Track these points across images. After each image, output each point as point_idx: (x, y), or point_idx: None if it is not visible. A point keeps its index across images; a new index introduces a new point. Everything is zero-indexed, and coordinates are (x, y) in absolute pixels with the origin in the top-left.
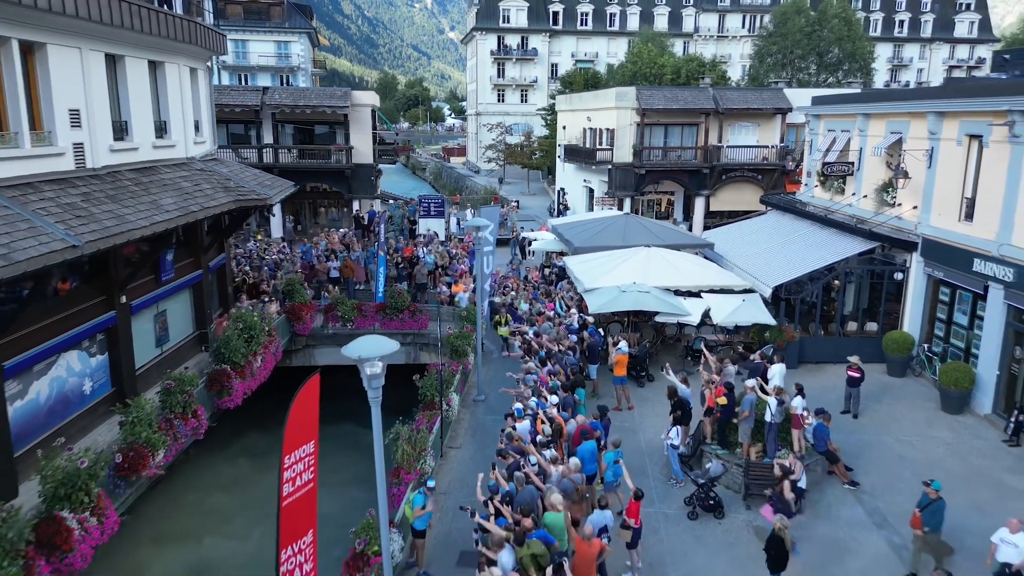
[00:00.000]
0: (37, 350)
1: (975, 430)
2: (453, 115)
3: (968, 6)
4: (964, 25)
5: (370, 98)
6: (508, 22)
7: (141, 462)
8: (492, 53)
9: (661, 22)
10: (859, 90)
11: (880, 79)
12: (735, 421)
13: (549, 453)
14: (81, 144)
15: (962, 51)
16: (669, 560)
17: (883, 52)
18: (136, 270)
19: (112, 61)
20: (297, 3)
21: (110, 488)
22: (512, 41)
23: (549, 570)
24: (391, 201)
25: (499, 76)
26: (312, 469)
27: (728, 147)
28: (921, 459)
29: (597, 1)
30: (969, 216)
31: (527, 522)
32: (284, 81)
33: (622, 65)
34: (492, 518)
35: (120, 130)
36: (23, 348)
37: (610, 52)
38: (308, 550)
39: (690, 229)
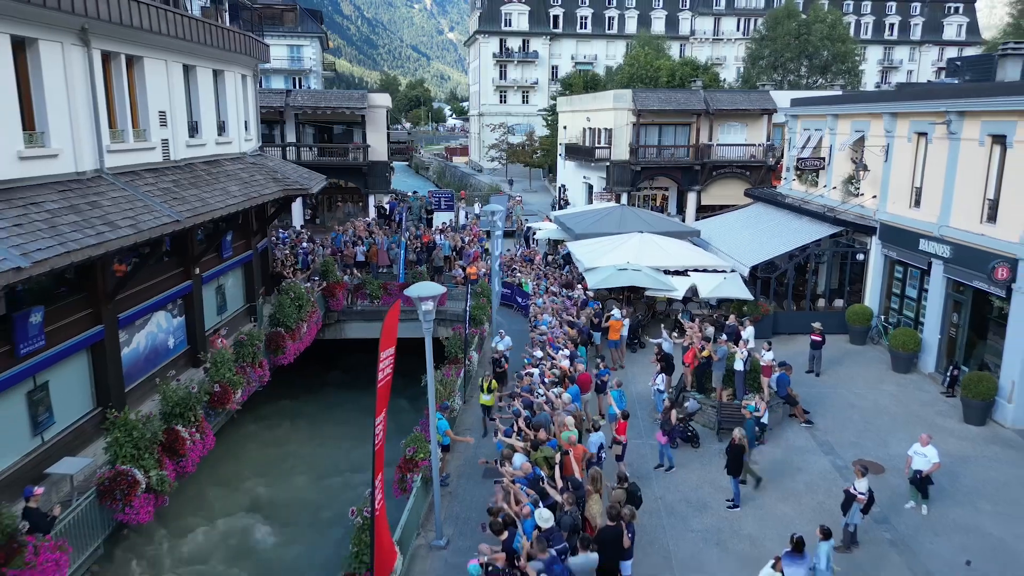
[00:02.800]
0: (139, 308)
1: (918, 384)
2: (454, 115)
3: (957, 9)
4: (952, 28)
5: (384, 100)
6: (510, 26)
7: (227, 397)
8: (494, 56)
9: (658, 25)
10: (839, 92)
11: (871, 81)
12: (709, 355)
13: (556, 390)
14: (167, 140)
15: (951, 53)
16: (654, 476)
17: (873, 55)
18: (206, 248)
19: (187, 71)
20: (308, 8)
21: (206, 414)
22: (514, 44)
23: (557, 468)
24: (411, 193)
25: (501, 78)
26: (391, 367)
27: (718, 145)
28: (869, 407)
29: (596, 5)
30: (917, 203)
31: (542, 434)
32: (296, 83)
33: (620, 68)
34: (514, 435)
35: (193, 129)
36: (130, 305)
37: (609, 55)
38: (381, 425)
39: (683, 222)
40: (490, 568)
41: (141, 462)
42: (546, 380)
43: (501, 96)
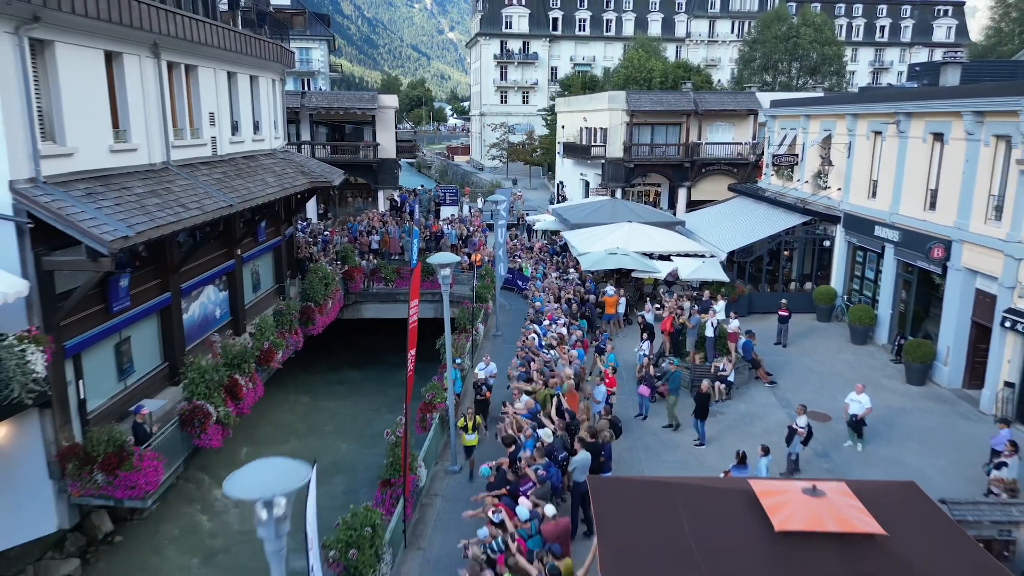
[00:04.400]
0: (195, 280)
1: (872, 354)
2: (455, 115)
3: (946, 12)
4: (942, 30)
5: (392, 101)
6: (510, 28)
7: (271, 355)
8: (495, 57)
9: (655, 28)
10: (821, 93)
11: (863, 81)
12: (683, 336)
13: (553, 352)
14: (215, 138)
15: (940, 55)
16: (635, 423)
17: (865, 56)
18: (245, 233)
19: (230, 77)
20: (315, 13)
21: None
22: (514, 46)
23: (554, 403)
24: (420, 187)
25: (502, 79)
26: (416, 313)
27: (707, 144)
28: (826, 371)
29: (595, 8)
30: (874, 194)
31: (539, 380)
32: (305, 84)
33: (616, 70)
34: (517, 391)
35: (234, 128)
36: (189, 278)
37: (607, 56)
38: (411, 358)
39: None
40: (499, 469)
41: (211, 399)
42: (543, 344)
43: (502, 96)
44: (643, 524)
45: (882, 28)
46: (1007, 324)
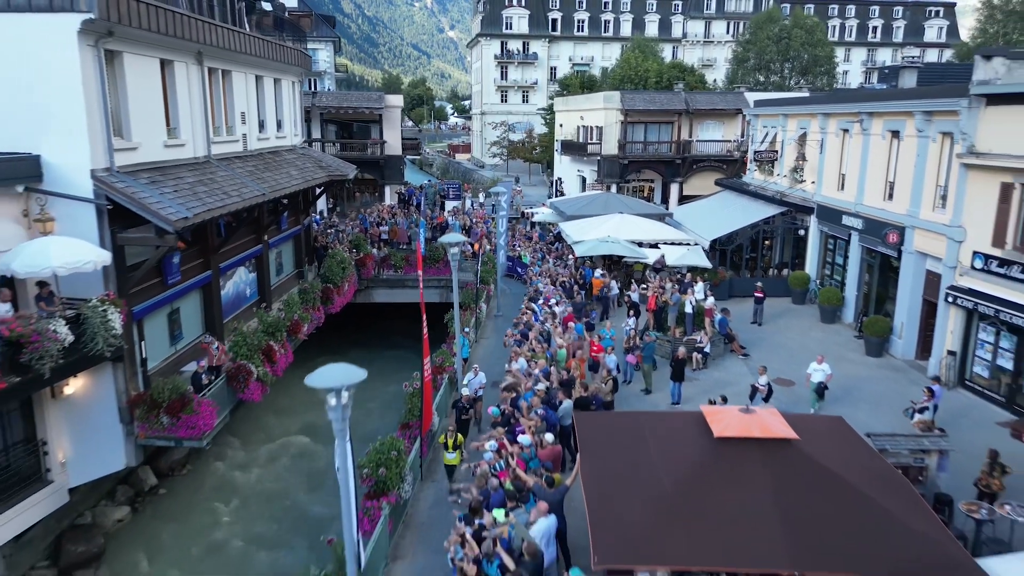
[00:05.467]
0: (231, 260)
1: (838, 331)
2: (455, 114)
3: (937, 12)
4: (933, 30)
5: (398, 100)
6: (511, 29)
7: (299, 327)
8: (496, 57)
9: (652, 28)
10: (806, 93)
11: (856, 81)
12: (665, 313)
13: (548, 325)
14: (245, 135)
15: (932, 55)
16: (622, 388)
17: (857, 56)
18: (271, 221)
19: (257, 80)
20: (321, 14)
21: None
22: (514, 46)
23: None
24: (425, 182)
25: (502, 78)
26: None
27: (698, 141)
28: (795, 346)
29: (593, 9)
30: (842, 186)
31: (539, 348)
32: (312, 84)
33: (612, 70)
34: (514, 354)
35: (261, 126)
36: (226, 259)
37: (605, 56)
38: (425, 322)
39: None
40: (503, 410)
41: (252, 360)
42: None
43: (502, 96)
44: (615, 443)
45: (874, 28)
46: (950, 299)
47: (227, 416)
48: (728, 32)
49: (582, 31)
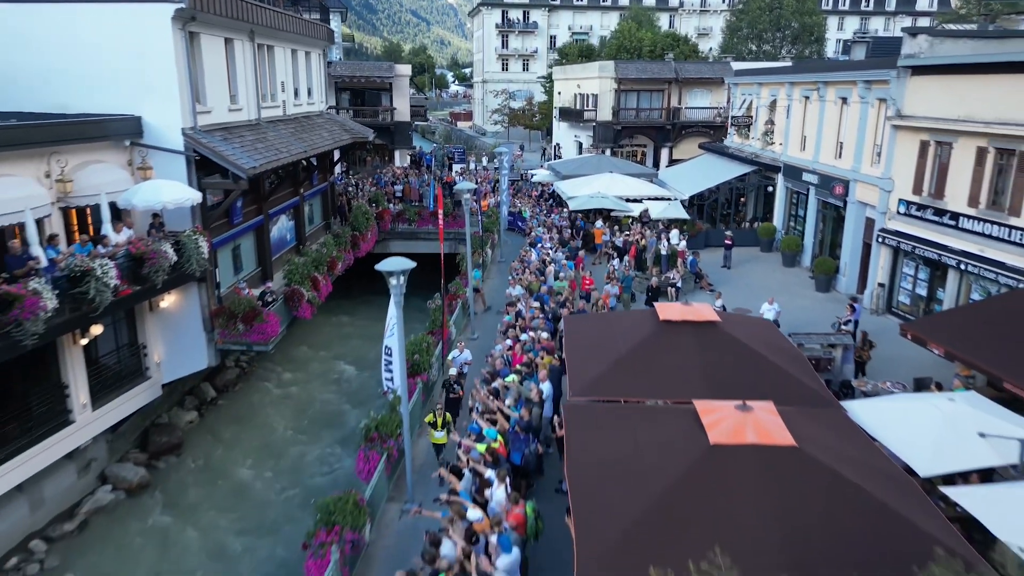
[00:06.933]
0: (278, 208)
1: (796, 273)
2: (456, 82)
3: None
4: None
5: (406, 69)
6: None
7: (335, 264)
8: (497, 26)
9: None
10: (789, 63)
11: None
12: (644, 256)
13: (553, 267)
14: (285, 101)
15: (924, 23)
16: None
17: (851, 25)
18: (306, 177)
19: (293, 53)
20: None
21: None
22: (515, 15)
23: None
24: (434, 145)
25: (503, 47)
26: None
27: (686, 108)
28: (758, 285)
29: None
30: (803, 147)
31: (534, 279)
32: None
33: (608, 40)
34: (512, 283)
35: (296, 93)
36: (273, 206)
37: (603, 25)
38: (440, 246)
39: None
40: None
41: (303, 286)
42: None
43: (503, 64)
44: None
45: None
46: (880, 240)
47: (284, 329)
48: (724, 1)
49: (581, 0)
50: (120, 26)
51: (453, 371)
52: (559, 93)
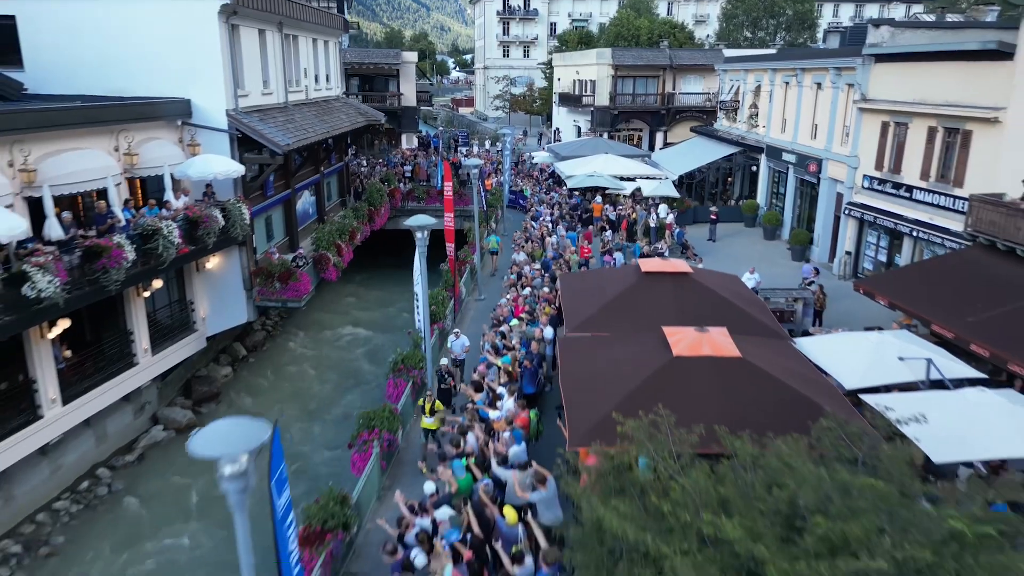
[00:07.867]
0: (303, 183)
1: (776, 245)
2: (457, 68)
3: None
4: None
5: (413, 56)
6: None
7: (354, 234)
8: (498, 13)
9: None
10: (774, 51)
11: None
12: (635, 228)
13: (555, 238)
14: (307, 86)
15: (918, 10)
16: None
17: (846, 12)
18: (325, 156)
19: (313, 42)
20: None
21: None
22: (516, 2)
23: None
24: (440, 128)
25: (504, 34)
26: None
27: (680, 94)
28: (740, 256)
29: None
30: (784, 129)
31: (536, 248)
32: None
33: (607, 28)
34: (516, 249)
35: (316, 79)
36: (298, 181)
37: (603, 12)
38: (451, 218)
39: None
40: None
41: (329, 251)
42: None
43: (504, 51)
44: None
45: None
46: (847, 212)
47: (314, 289)
48: None
49: None
50: (172, 19)
51: (445, 361)
52: (559, 79)
